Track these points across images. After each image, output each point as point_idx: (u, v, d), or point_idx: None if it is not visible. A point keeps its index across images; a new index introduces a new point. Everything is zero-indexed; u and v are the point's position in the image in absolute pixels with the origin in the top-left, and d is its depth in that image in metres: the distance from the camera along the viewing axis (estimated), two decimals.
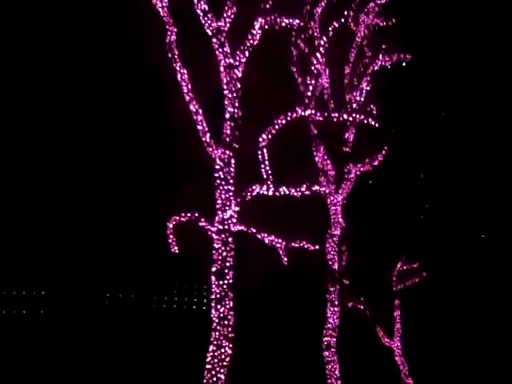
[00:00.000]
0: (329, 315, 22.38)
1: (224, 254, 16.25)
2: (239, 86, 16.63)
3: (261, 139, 16.88)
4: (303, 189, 17.38)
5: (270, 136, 16.93)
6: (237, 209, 16.48)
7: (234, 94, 16.56)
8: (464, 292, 37.21)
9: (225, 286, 16.15)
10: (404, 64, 25.78)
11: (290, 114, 17.45)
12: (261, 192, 16.73)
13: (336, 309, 22.48)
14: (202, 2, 16.02)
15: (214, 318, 16.04)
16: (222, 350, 15.92)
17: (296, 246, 17.86)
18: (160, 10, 15.89)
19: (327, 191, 22.52)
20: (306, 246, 18.18)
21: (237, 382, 17.02)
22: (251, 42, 16.62)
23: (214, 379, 15.73)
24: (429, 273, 28.28)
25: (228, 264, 16.25)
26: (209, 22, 16.21)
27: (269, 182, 16.70)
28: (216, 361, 15.84)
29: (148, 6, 15.83)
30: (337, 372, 22.13)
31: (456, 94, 35.52)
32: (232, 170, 16.45)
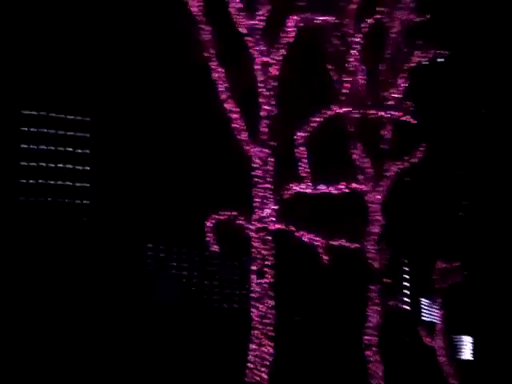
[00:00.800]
0: (370, 314, 22.11)
1: (263, 252, 16.13)
2: (275, 84, 16.55)
3: (297, 137, 16.79)
4: (341, 187, 17.23)
5: (306, 134, 16.82)
6: (275, 207, 16.37)
7: (270, 92, 16.48)
8: (506, 291, 36.59)
9: (265, 285, 16.05)
10: (441, 60, 25.39)
11: (326, 111, 17.35)
12: (299, 190, 16.62)
13: (377, 307, 22.19)
14: (237, 1, 16.00)
15: (253, 317, 15.97)
16: (263, 349, 15.81)
17: (335, 244, 17.67)
18: (195, 9, 15.89)
19: (365, 189, 22.23)
20: (345, 245, 17.99)
21: (278, 381, 16.90)
22: (286, 39, 16.54)
23: (257, 378, 15.63)
24: (470, 272, 27.87)
25: (268, 263, 16.14)
26: (243, 20, 16.18)
27: (307, 180, 16.59)
28: (257, 359, 15.74)
29: (182, 6, 15.86)
30: (380, 372, 21.82)
31: (496, 89, 34.94)
32: (270, 168, 16.35)
